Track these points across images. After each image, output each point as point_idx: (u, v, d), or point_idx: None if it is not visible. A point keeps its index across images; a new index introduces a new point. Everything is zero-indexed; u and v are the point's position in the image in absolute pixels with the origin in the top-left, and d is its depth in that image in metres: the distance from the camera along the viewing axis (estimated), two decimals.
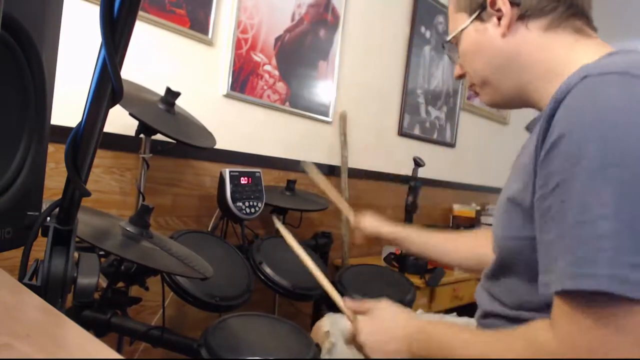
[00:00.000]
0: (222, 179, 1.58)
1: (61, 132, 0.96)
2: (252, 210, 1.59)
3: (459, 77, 0.85)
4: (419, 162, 2.20)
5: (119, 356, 0.35)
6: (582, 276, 0.53)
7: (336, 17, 2.17)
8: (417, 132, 2.74)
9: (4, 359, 0.32)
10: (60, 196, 0.57)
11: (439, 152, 2.92)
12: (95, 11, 1.40)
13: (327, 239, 1.92)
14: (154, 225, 1.60)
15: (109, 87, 0.46)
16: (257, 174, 1.64)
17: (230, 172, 1.57)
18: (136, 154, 1.47)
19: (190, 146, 1.38)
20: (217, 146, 1.53)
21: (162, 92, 1.40)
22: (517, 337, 0.64)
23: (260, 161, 1.91)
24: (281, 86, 1.98)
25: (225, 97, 1.79)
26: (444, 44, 0.85)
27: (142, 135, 1.38)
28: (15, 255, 0.61)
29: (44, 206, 0.61)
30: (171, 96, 1.39)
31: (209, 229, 1.73)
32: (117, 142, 1.49)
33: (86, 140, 0.51)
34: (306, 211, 1.93)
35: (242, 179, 1.59)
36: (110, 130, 1.45)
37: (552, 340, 0.57)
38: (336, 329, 1.02)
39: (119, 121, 1.34)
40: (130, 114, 1.23)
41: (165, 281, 1.18)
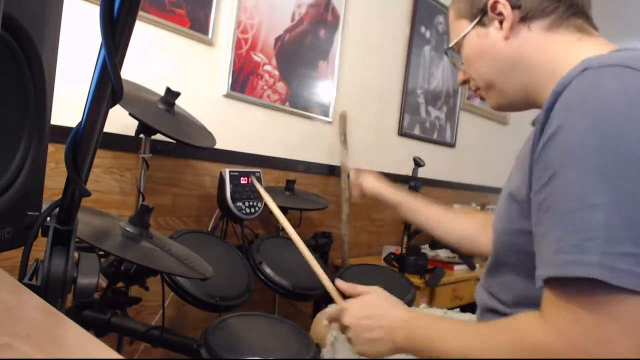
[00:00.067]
0: (222, 179, 1.58)
1: (61, 132, 0.96)
2: (252, 210, 1.59)
3: (463, 82, 0.86)
4: (419, 162, 2.20)
5: (119, 356, 0.35)
6: (572, 263, 0.52)
7: (336, 17, 2.17)
8: (417, 132, 2.74)
9: (4, 359, 0.32)
10: (60, 196, 0.57)
11: (439, 152, 2.92)
12: (95, 11, 1.40)
13: (327, 239, 1.92)
14: (154, 225, 1.60)
15: (109, 87, 0.46)
16: (257, 174, 1.64)
17: (230, 172, 1.57)
18: (136, 154, 1.47)
19: (190, 146, 1.38)
20: (217, 146, 1.53)
21: (162, 92, 1.40)
22: (504, 328, 0.64)
23: (260, 161, 1.91)
24: (281, 86, 1.98)
25: (225, 97, 1.79)
26: (446, 51, 0.85)
27: (142, 135, 1.38)
28: (15, 255, 0.61)
29: (44, 206, 0.61)
30: (171, 96, 1.39)
31: (209, 229, 1.73)
32: (117, 142, 1.49)
33: (86, 140, 0.51)
34: (306, 211, 1.93)
35: (242, 179, 1.59)
36: (110, 130, 1.45)
37: (541, 330, 0.57)
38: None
39: (119, 121, 1.34)
40: (130, 114, 1.23)
41: (165, 281, 1.18)
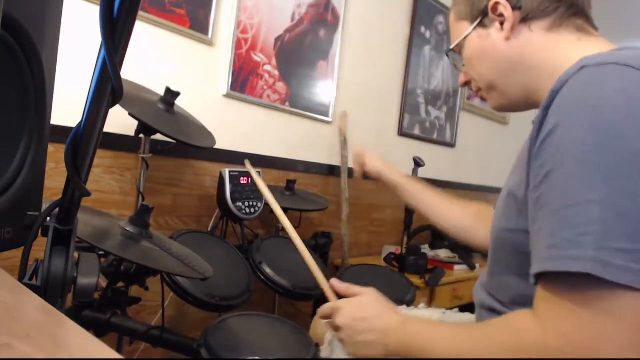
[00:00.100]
0: (222, 179, 1.58)
1: (61, 132, 0.97)
2: (252, 210, 1.59)
3: (464, 84, 0.87)
4: (419, 162, 2.20)
5: (119, 356, 0.35)
6: (566, 258, 0.52)
7: (336, 17, 2.17)
8: (417, 132, 2.74)
9: (4, 359, 0.32)
10: (60, 196, 0.57)
11: (439, 152, 2.92)
12: (95, 11, 1.40)
13: (327, 239, 1.92)
14: (154, 225, 1.60)
15: (109, 87, 0.46)
16: (257, 173, 1.64)
17: (230, 172, 1.57)
18: (136, 154, 1.47)
19: (190, 146, 1.38)
20: (217, 146, 1.53)
21: (162, 92, 1.40)
22: (498, 329, 0.63)
23: (260, 161, 1.91)
24: (281, 86, 1.98)
25: (225, 97, 1.79)
26: (447, 53, 0.86)
27: (142, 135, 1.38)
28: (15, 255, 0.61)
29: (44, 206, 0.61)
30: (171, 96, 1.39)
31: (209, 229, 1.73)
32: (117, 142, 1.49)
33: (86, 140, 0.51)
34: (306, 211, 1.93)
35: (242, 179, 1.59)
36: (110, 130, 1.46)
37: (536, 327, 0.57)
38: None
39: (119, 121, 1.34)
40: (130, 114, 1.23)
41: (165, 281, 1.18)
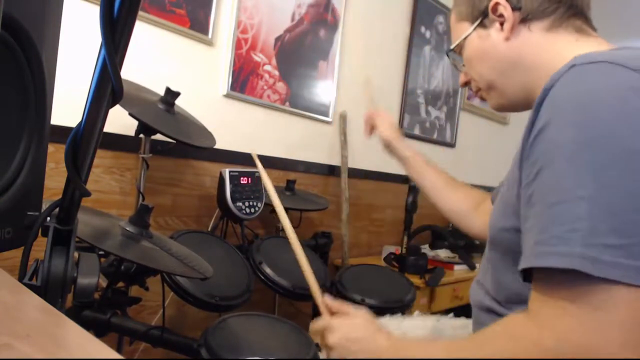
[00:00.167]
0: (222, 179, 1.58)
1: (61, 132, 0.97)
2: (252, 210, 1.59)
3: (464, 84, 0.88)
4: None
5: (119, 356, 0.35)
6: (554, 254, 0.53)
7: (336, 17, 2.17)
8: (417, 132, 2.74)
9: (4, 359, 0.32)
10: (60, 196, 0.57)
11: (439, 152, 2.92)
12: (95, 11, 1.40)
13: (327, 239, 1.92)
14: (154, 225, 1.60)
15: (109, 87, 0.46)
16: (257, 174, 1.64)
17: (230, 172, 1.57)
18: (136, 154, 1.47)
19: (190, 146, 1.38)
20: (217, 146, 1.53)
21: (162, 92, 1.40)
22: (494, 336, 0.63)
23: (260, 161, 1.91)
24: (281, 86, 1.98)
25: (225, 97, 1.79)
26: (448, 53, 0.87)
27: (142, 135, 1.38)
28: (15, 255, 0.61)
29: (44, 206, 0.61)
30: (171, 96, 1.39)
31: (209, 229, 1.73)
32: (117, 142, 1.49)
33: (86, 140, 0.51)
34: (306, 211, 1.93)
35: (242, 179, 1.59)
36: (110, 130, 1.45)
37: (531, 328, 0.57)
38: None
39: (119, 121, 1.34)
40: (130, 114, 1.23)
41: (165, 281, 1.18)
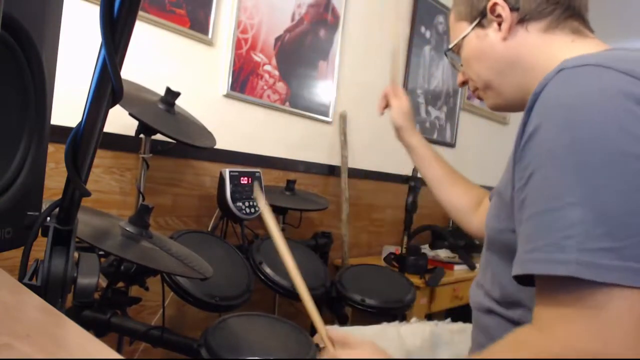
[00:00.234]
0: (222, 179, 1.58)
1: (61, 132, 0.97)
2: (252, 210, 1.59)
3: (462, 84, 0.89)
4: None
5: (119, 356, 0.35)
6: (552, 262, 0.53)
7: (336, 17, 2.17)
8: None
9: (4, 359, 0.32)
10: (60, 196, 0.57)
11: (439, 152, 2.91)
12: (95, 11, 1.40)
13: (327, 239, 1.92)
14: (154, 225, 1.60)
15: (109, 87, 0.46)
16: (257, 174, 1.64)
17: (230, 172, 1.57)
18: (136, 154, 1.47)
19: (190, 146, 1.38)
20: (217, 146, 1.53)
21: (162, 92, 1.40)
22: (500, 349, 0.61)
23: (260, 161, 1.91)
24: (281, 86, 1.98)
25: (225, 97, 1.79)
26: (446, 53, 0.88)
27: (142, 135, 1.38)
28: (15, 255, 0.61)
29: (44, 206, 0.61)
30: (171, 96, 1.39)
31: (209, 229, 1.73)
32: (117, 142, 1.49)
33: (86, 140, 0.51)
34: (306, 211, 1.93)
35: (242, 179, 1.59)
36: (110, 130, 1.45)
37: (536, 335, 0.57)
38: None
39: (119, 121, 1.34)
40: (130, 114, 1.23)
41: (165, 281, 1.18)
